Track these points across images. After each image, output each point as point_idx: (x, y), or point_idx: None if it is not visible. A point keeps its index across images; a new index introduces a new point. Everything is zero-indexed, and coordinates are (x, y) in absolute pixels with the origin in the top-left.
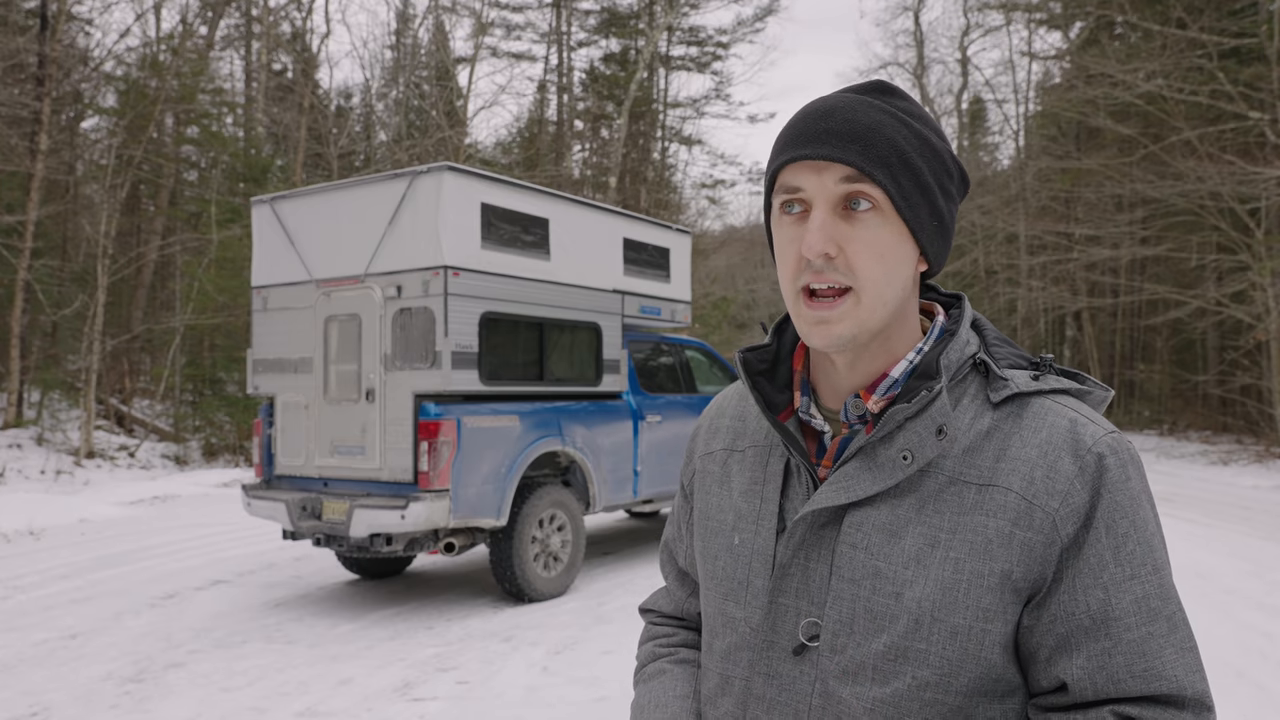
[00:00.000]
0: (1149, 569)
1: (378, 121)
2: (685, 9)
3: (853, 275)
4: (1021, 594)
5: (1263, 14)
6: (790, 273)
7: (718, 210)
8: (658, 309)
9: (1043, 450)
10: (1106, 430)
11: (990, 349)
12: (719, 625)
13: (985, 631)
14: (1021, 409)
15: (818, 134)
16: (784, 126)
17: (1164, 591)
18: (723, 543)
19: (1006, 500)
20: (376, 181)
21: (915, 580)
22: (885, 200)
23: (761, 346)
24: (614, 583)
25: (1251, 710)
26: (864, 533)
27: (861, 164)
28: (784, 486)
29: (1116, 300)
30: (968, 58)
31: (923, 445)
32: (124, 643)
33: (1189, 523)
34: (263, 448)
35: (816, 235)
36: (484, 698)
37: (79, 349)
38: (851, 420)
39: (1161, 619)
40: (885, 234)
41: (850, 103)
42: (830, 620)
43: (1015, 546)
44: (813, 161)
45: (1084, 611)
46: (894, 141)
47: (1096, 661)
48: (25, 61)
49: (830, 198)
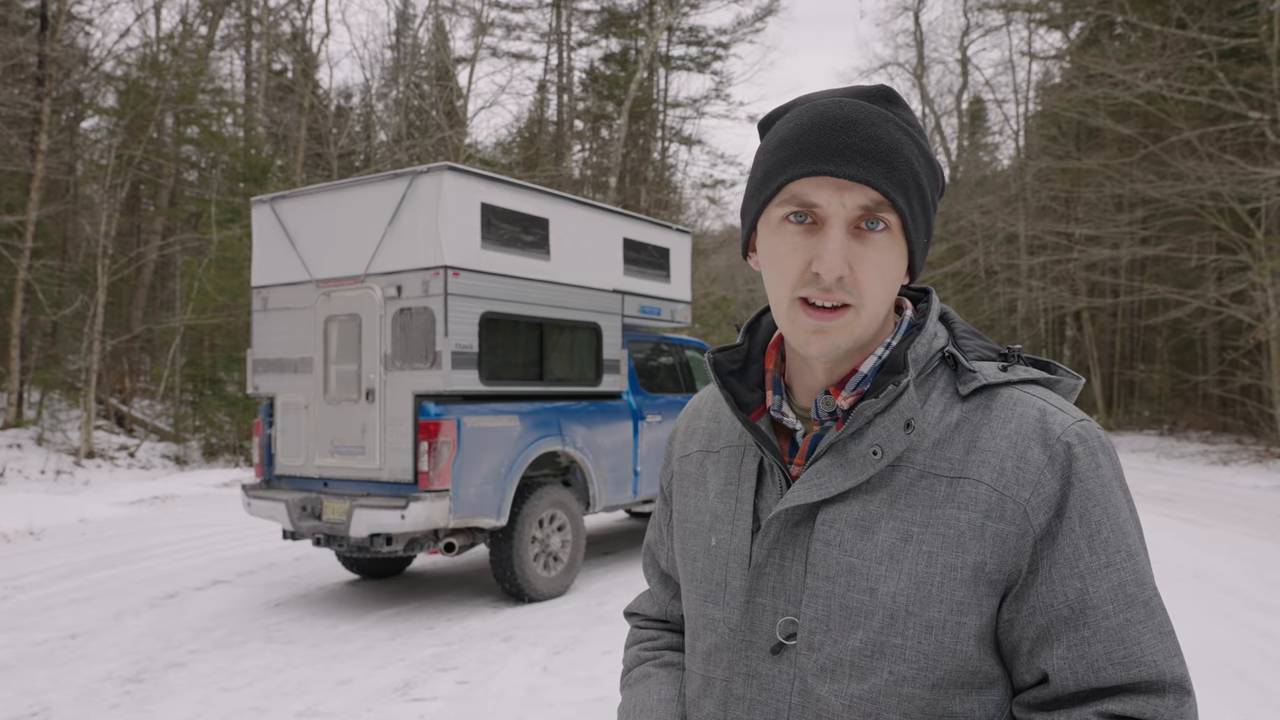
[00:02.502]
0: (1124, 555)
1: (378, 121)
2: (685, 9)
3: (858, 294)
4: (996, 586)
5: (1263, 14)
6: (791, 282)
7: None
8: (658, 309)
9: (1012, 441)
10: (1076, 419)
11: (959, 341)
12: (700, 627)
13: (960, 624)
14: (990, 400)
15: (840, 149)
16: (792, 129)
17: (1139, 578)
18: (700, 544)
19: (977, 492)
20: (376, 181)
21: (889, 575)
22: (898, 224)
23: (733, 347)
24: (614, 583)
25: (1251, 710)
26: (837, 529)
27: (886, 188)
28: (758, 486)
29: (1116, 300)
30: (968, 58)
31: (891, 440)
32: (124, 643)
33: (1189, 523)
34: (263, 448)
35: (838, 258)
36: (484, 698)
37: (79, 349)
38: (823, 417)
39: (1138, 605)
40: (892, 255)
41: (869, 115)
42: (806, 618)
43: (988, 538)
44: (835, 179)
45: (1062, 601)
46: (910, 164)
47: (1076, 651)
48: (25, 61)
49: (849, 217)
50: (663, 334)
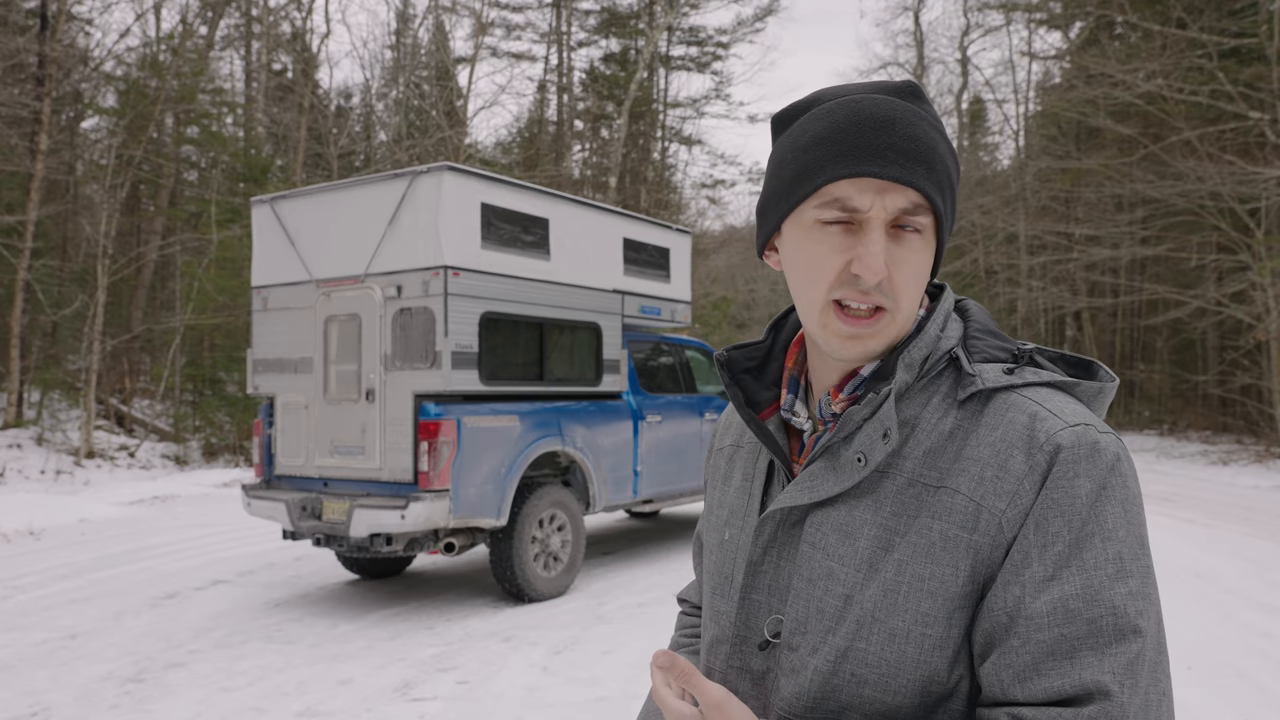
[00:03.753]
0: (1073, 570)
1: (378, 121)
2: (685, 9)
3: (894, 298)
4: (969, 599)
5: (1263, 14)
6: (826, 284)
7: (718, 210)
8: (658, 309)
9: (995, 449)
10: (1069, 423)
11: (969, 341)
12: (708, 618)
13: (924, 636)
14: (983, 406)
15: (881, 149)
16: (826, 128)
17: (1090, 594)
18: (717, 537)
19: (954, 502)
20: (376, 181)
21: (865, 583)
22: (931, 225)
23: (751, 344)
24: (614, 583)
25: (1251, 710)
26: (822, 533)
27: (927, 189)
28: (767, 484)
29: (1116, 300)
30: (968, 58)
31: (873, 448)
32: (124, 643)
33: (1189, 523)
34: (263, 448)
35: (880, 260)
36: (484, 698)
37: (79, 349)
38: (826, 418)
39: (1080, 621)
40: (925, 256)
41: (906, 114)
42: (789, 618)
43: (961, 550)
44: (878, 180)
45: (1001, 608)
46: (945, 163)
47: (1005, 659)
48: (25, 61)
49: (888, 219)
50: (663, 334)
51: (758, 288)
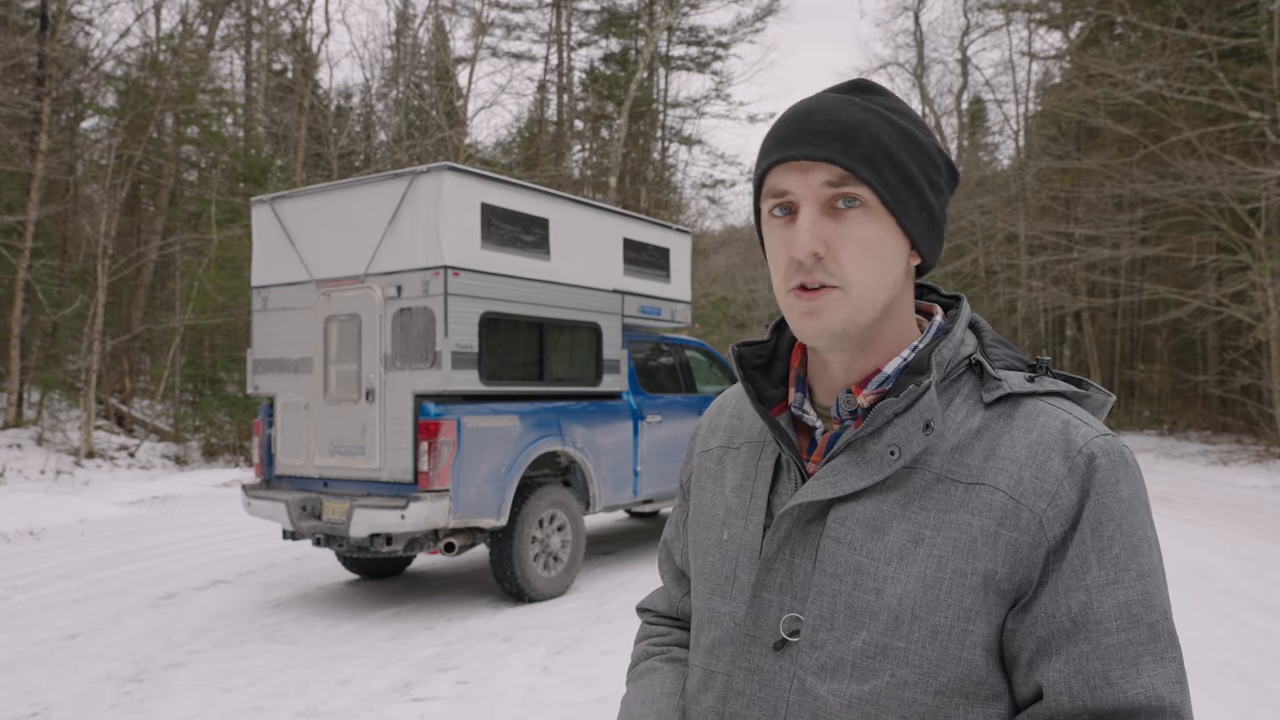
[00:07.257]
0: (1133, 574)
1: (378, 121)
2: (685, 9)
3: (841, 274)
4: (1006, 596)
5: (1263, 14)
6: (782, 275)
7: (718, 210)
8: (658, 309)
9: (1032, 450)
10: (1100, 432)
11: (986, 350)
12: (705, 620)
13: (966, 632)
14: (1013, 409)
15: (800, 135)
16: (768, 131)
17: (1148, 599)
18: (713, 538)
19: (993, 499)
20: (376, 181)
21: (897, 577)
22: (872, 197)
23: (758, 342)
24: (614, 583)
25: (1251, 710)
26: (848, 527)
27: (845, 161)
28: (773, 482)
29: (1116, 300)
30: (968, 58)
31: (910, 440)
32: (124, 643)
33: (1189, 523)
34: (263, 448)
35: (805, 237)
36: (484, 698)
37: (79, 349)
38: (843, 415)
39: (1143, 626)
40: (873, 231)
41: (831, 102)
42: (811, 616)
43: (1000, 546)
44: (798, 163)
45: (1064, 614)
46: (877, 138)
47: (1074, 665)
48: (25, 61)
49: (818, 198)
50: (663, 334)
51: (758, 288)
